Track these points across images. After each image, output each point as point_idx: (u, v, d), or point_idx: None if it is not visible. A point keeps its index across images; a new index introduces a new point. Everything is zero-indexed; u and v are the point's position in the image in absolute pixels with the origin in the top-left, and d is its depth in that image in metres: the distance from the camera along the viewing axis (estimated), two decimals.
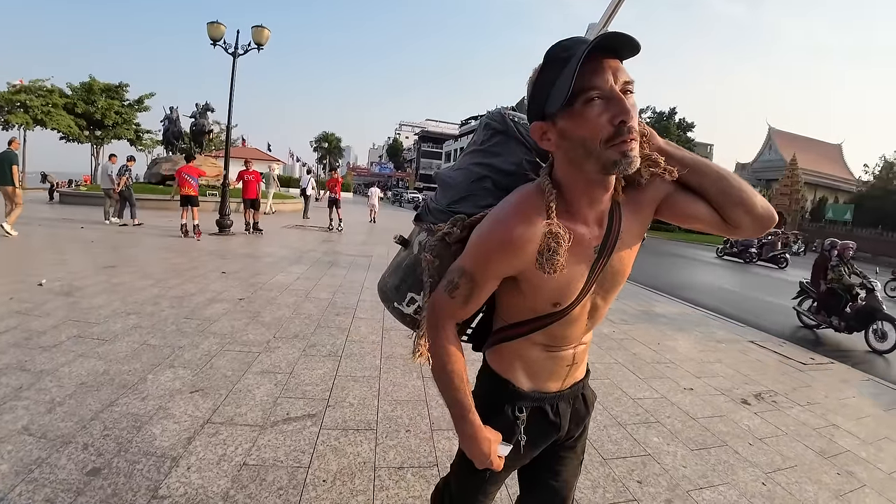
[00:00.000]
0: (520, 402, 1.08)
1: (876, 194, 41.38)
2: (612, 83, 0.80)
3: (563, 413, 1.12)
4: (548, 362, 1.07)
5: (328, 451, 2.38)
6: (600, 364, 4.14)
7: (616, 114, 0.79)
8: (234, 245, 9.29)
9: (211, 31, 10.67)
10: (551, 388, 1.10)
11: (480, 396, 1.08)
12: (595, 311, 1.05)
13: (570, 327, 1.03)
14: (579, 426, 1.18)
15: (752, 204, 0.94)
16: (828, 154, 55.01)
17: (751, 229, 0.97)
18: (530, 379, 1.08)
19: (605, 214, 0.95)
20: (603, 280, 1.00)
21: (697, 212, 0.98)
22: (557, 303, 0.97)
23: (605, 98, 0.80)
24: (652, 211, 1.01)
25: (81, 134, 33.30)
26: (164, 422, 2.50)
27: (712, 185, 0.95)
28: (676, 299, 7.91)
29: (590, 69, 0.79)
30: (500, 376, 1.10)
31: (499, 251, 0.91)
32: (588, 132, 0.81)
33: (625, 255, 1.00)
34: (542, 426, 1.11)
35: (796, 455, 2.90)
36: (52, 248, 7.31)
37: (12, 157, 8.45)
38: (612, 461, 2.57)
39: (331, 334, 4.20)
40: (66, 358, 3.17)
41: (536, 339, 1.04)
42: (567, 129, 0.84)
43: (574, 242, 0.90)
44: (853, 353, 6.10)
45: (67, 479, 1.98)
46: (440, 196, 1.18)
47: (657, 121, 43.67)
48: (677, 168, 0.93)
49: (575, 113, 0.82)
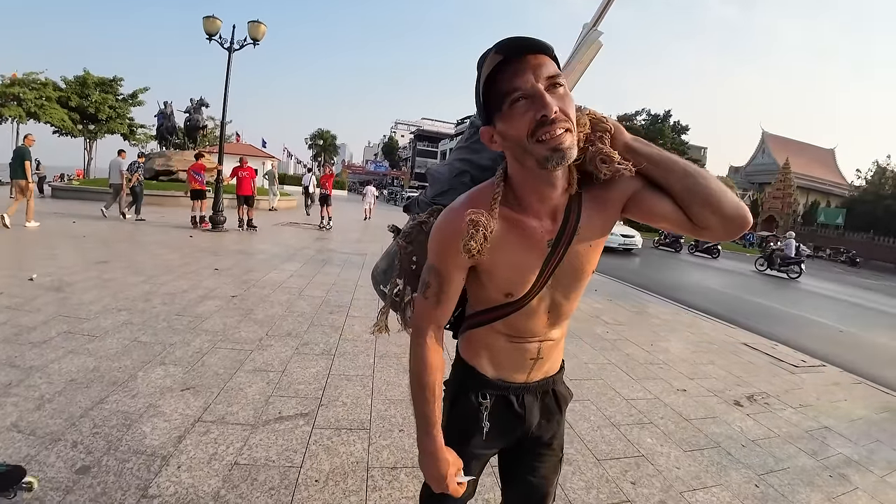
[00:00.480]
0: (484, 389, 1.11)
1: (868, 199, 41.75)
2: (534, 81, 0.83)
3: (530, 406, 1.14)
4: (512, 353, 1.09)
5: (321, 450, 2.37)
6: (593, 364, 4.15)
7: (537, 109, 0.83)
8: (228, 242, 9.23)
9: (207, 25, 10.57)
10: (516, 379, 1.12)
11: (450, 384, 1.16)
12: (557, 308, 1.06)
13: (530, 320, 1.05)
14: (551, 422, 1.19)
15: (718, 203, 0.90)
16: (821, 158, 55.45)
17: (719, 231, 0.93)
18: (494, 367, 1.11)
19: (559, 209, 0.97)
20: (561, 275, 1.01)
21: (664, 210, 0.96)
22: (510, 293, 1.00)
23: (528, 96, 0.83)
24: (618, 209, 1.00)
25: (75, 128, 32.99)
26: (154, 420, 2.47)
27: (678, 181, 0.93)
28: (669, 300, 7.93)
29: (511, 71, 0.84)
30: (467, 363, 1.14)
31: (450, 240, 0.94)
32: (517, 131, 0.85)
33: (583, 251, 1.00)
34: (508, 416, 1.12)
35: (789, 457, 2.91)
36: (44, 243, 7.24)
37: (25, 152, 8.75)
38: (605, 462, 2.56)
39: (324, 332, 4.18)
40: (56, 354, 3.14)
41: (499, 327, 1.07)
42: (503, 130, 0.89)
43: (524, 235, 0.96)
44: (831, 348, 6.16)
45: (56, 477, 1.95)
46: (428, 189, 1.28)
47: (652, 123, 43.71)
48: (644, 164, 0.93)
49: (505, 115, 0.87)
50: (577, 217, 0.97)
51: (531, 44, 0.84)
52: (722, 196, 0.90)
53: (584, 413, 3.13)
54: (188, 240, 8.83)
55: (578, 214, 0.97)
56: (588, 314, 6.05)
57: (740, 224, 0.91)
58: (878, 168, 44.24)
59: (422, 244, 1.10)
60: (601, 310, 6.44)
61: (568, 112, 0.85)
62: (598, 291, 7.68)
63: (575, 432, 2.83)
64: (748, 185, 53.86)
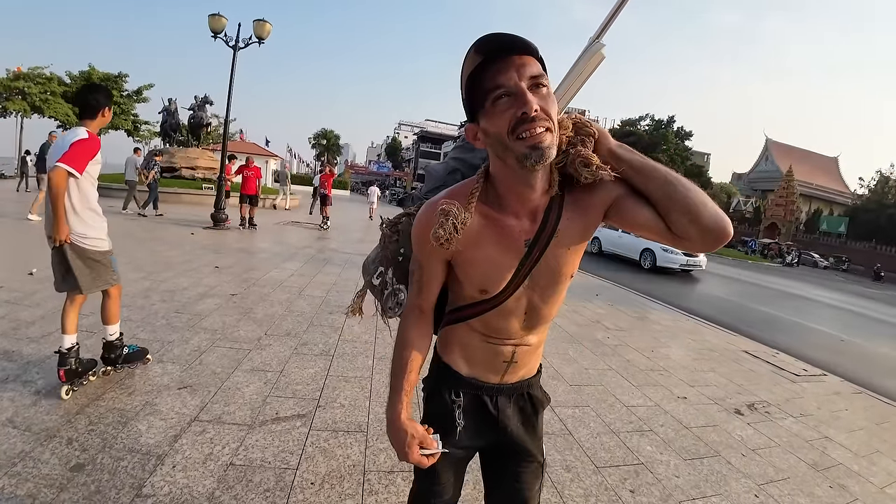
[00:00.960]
0: (457, 387, 1.13)
1: (870, 207, 41.72)
2: (517, 80, 0.84)
3: (503, 408, 1.14)
4: (485, 353, 1.10)
5: (317, 452, 2.35)
6: (594, 370, 4.12)
7: (518, 106, 0.84)
8: (229, 240, 9.22)
9: (212, 23, 10.59)
10: (490, 380, 1.13)
11: (427, 380, 1.21)
12: (534, 311, 1.05)
13: (506, 320, 1.05)
14: (527, 427, 1.18)
15: (697, 213, 0.88)
16: (824, 166, 55.45)
17: (699, 242, 0.92)
18: (468, 365, 1.13)
19: (539, 210, 0.97)
20: (538, 277, 1.01)
21: (644, 218, 0.95)
22: (485, 289, 1.01)
23: (510, 94, 0.85)
24: (600, 214, 1.00)
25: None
26: (150, 418, 2.45)
27: (658, 189, 0.91)
28: (671, 307, 7.91)
29: (495, 70, 0.85)
30: (443, 360, 1.16)
31: (425, 230, 0.97)
32: (498, 128, 0.87)
33: (562, 254, 1.00)
34: (481, 416, 1.13)
35: (789, 467, 2.88)
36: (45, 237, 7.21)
37: (45, 148, 9.61)
38: (604, 469, 2.54)
39: (323, 333, 4.16)
40: (54, 349, 3.12)
41: (475, 325, 1.08)
42: (486, 127, 0.90)
43: (501, 233, 0.97)
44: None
45: (51, 474, 1.94)
46: (424, 185, 1.34)
47: (655, 128, 43.64)
48: (625, 170, 0.93)
49: (488, 112, 0.88)
50: (557, 219, 0.97)
51: (515, 45, 0.85)
52: (701, 206, 0.89)
53: (584, 419, 3.11)
54: (189, 237, 8.81)
55: (558, 217, 0.97)
56: (589, 319, 6.03)
57: (718, 236, 0.89)
58: (881, 177, 44.20)
59: (408, 235, 1.13)
60: (603, 315, 6.42)
61: (549, 112, 0.86)
62: (599, 296, 7.65)
63: (574, 439, 2.81)
64: (751, 192, 53.85)
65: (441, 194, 1.02)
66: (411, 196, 3.28)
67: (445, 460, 1.10)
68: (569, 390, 3.57)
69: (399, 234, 1.20)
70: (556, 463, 2.52)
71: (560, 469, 2.48)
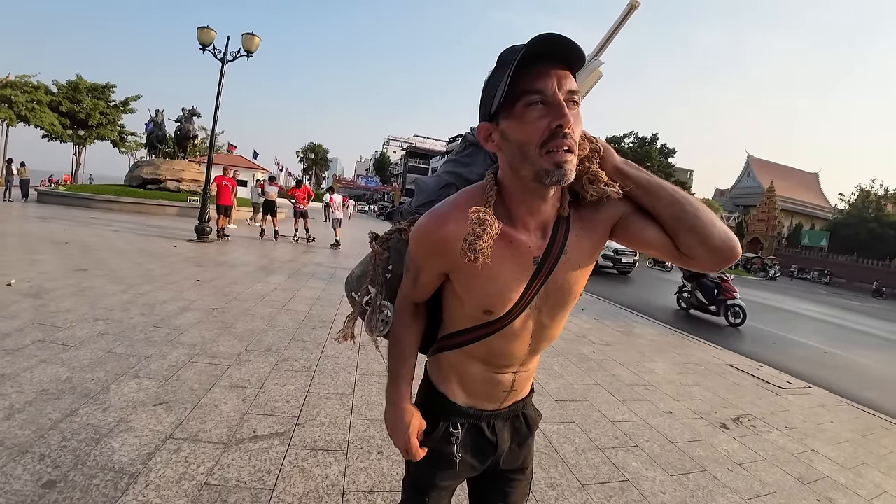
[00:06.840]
0: (454, 418, 1.07)
1: (851, 222, 42.55)
2: (556, 89, 0.80)
3: (500, 431, 1.10)
4: (486, 383, 1.05)
5: (295, 472, 2.28)
6: (579, 385, 4.09)
7: (554, 118, 0.79)
8: (212, 252, 9.10)
9: (201, 36, 10.55)
10: (488, 407, 1.08)
11: (418, 408, 1.11)
12: (541, 332, 1.01)
13: (511, 343, 1.00)
14: (522, 447, 1.15)
15: (706, 233, 0.87)
16: (805, 182, 56.57)
17: (707, 261, 0.90)
18: (466, 395, 1.07)
19: (548, 226, 0.93)
20: (546, 296, 0.96)
21: (651, 237, 0.93)
22: (490, 310, 0.94)
23: (546, 103, 0.80)
24: (607, 231, 0.97)
25: (65, 133, 32.79)
26: (124, 435, 2.38)
27: (665, 208, 0.90)
28: (656, 321, 7.93)
29: (535, 73, 0.79)
30: (436, 388, 1.09)
31: (428, 241, 0.93)
32: (525, 135, 0.81)
33: (572, 273, 0.96)
34: (479, 444, 1.09)
35: (775, 481, 2.87)
36: (25, 248, 7.09)
37: None
38: (589, 486, 2.50)
39: (305, 348, 4.09)
40: (29, 363, 3.04)
41: (475, 352, 1.02)
42: (508, 130, 0.84)
43: (511, 246, 0.90)
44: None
45: (22, 490, 1.88)
46: (414, 199, 1.25)
47: (639, 146, 44.39)
48: (631, 188, 0.90)
49: (515, 114, 0.82)
50: (566, 235, 0.93)
51: (571, 56, 0.81)
52: (710, 226, 0.87)
53: (569, 435, 3.07)
54: (172, 249, 8.68)
55: (567, 233, 0.93)
56: (575, 334, 6.02)
57: (727, 256, 0.88)
58: (861, 192, 45.20)
59: (399, 252, 1.10)
60: (588, 329, 6.41)
61: (576, 133, 0.82)
62: (585, 311, 7.66)
63: (559, 455, 2.77)
64: (733, 208, 54.70)
65: (448, 202, 0.94)
66: (400, 210, 3.25)
67: (435, 490, 1.08)
68: (554, 406, 3.54)
69: (389, 250, 1.13)
70: (541, 481, 2.48)
71: (545, 487, 2.44)
